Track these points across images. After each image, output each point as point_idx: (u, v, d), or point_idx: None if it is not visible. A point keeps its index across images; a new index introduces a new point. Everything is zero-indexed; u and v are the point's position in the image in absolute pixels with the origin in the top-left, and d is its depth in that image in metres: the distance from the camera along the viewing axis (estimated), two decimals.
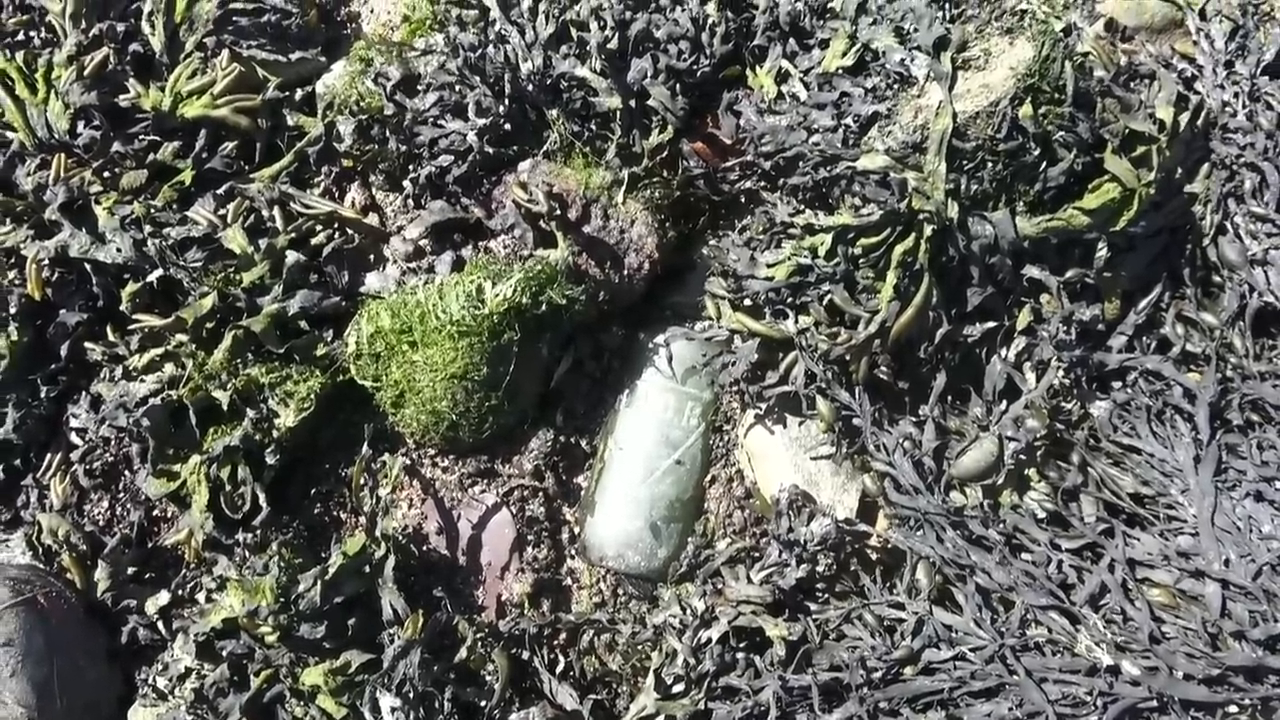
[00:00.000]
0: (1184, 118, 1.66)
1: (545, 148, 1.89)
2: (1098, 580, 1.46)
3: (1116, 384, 1.67)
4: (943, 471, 1.63)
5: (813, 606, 1.65)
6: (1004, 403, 1.63)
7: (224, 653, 1.62)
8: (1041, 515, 1.58)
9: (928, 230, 1.54)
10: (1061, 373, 1.58)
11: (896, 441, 1.65)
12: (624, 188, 1.82)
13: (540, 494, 1.85)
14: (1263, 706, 1.38)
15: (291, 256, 1.85)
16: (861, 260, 1.61)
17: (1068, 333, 1.59)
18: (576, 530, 1.86)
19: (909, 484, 1.60)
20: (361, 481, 1.73)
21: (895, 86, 1.66)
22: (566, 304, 1.73)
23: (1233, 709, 1.38)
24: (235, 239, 1.84)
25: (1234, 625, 1.38)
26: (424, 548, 1.84)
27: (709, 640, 1.63)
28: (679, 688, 1.60)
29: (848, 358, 1.65)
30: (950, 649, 1.50)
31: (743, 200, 1.97)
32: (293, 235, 1.89)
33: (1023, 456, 1.58)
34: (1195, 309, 1.69)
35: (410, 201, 1.97)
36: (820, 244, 1.64)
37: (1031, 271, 1.60)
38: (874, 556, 1.72)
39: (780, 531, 1.66)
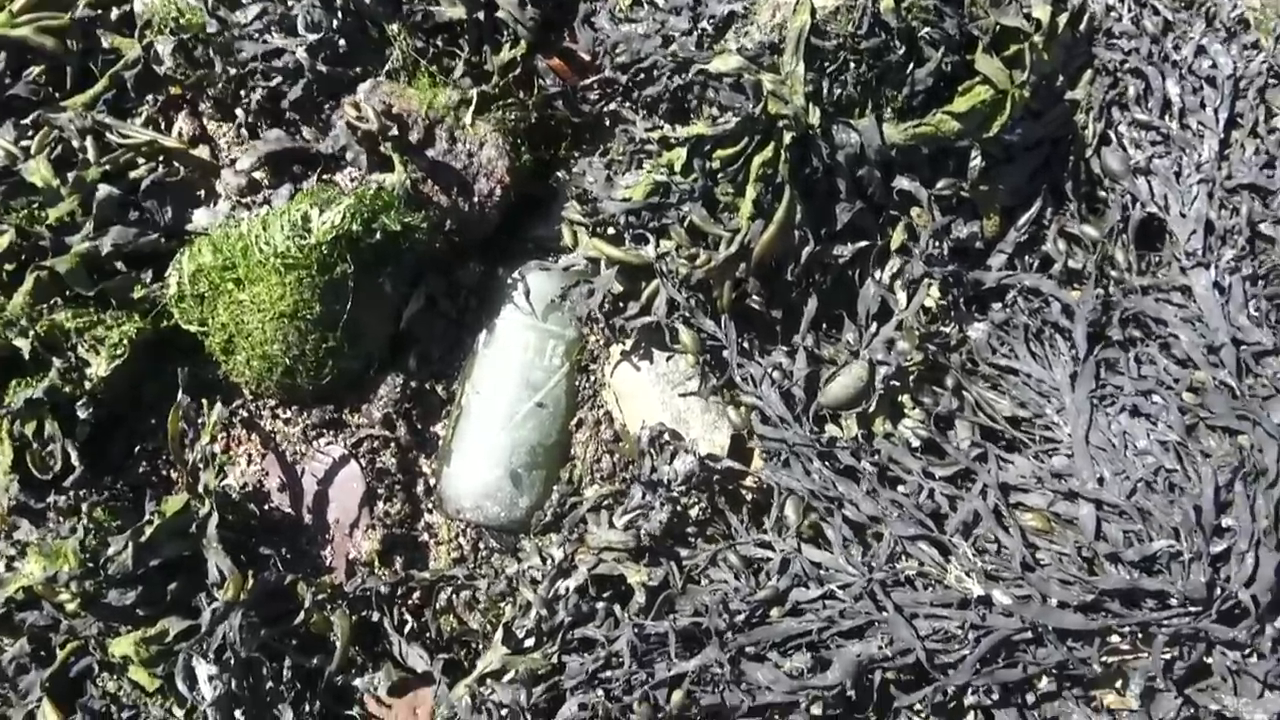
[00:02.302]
0: (1062, 19, 1.56)
1: (388, 67, 1.73)
2: (970, 508, 1.36)
3: (996, 305, 1.58)
4: (813, 401, 1.52)
5: (683, 552, 1.54)
6: (876, 326, 1.52)
7: (24, 625, 1.45)
8: (916, 444, 1.48)
9: (787, 138, 1.42)
10: (936, 292, 1.48)
11: (765, 372, 1.53)
12: (472, 108, 1.67)
13: (392, 444, 1.70)
14: (1142, 634, 1.30)
15: (104, 190, 1.66)
16: (720, 175, 1.49)
17: (938, 248, 1.48)
18: (433, 482, 1.72)
19: (775, 415, 1.49)
20: (181, 432, 1.57)
21: None
22: (404, 232, 1.57)
23: (1114, 639, 1.30)
24: (38, 171, 1.65)
25: (1109, 547, 1.29)
26: (265, 506, 1.69)
27: (566, 591, 1.51)
28: (530, 641, 1.48)
29: (710, 282, 1.53)
30: (818, 587, 1.39)
31: (607, 123, 1.83)
32: (106, 168, 1.70)
33: (895, 382, 1.48)
34: (1078, 224, 1.60)
35: (245, 131, 1.80)
36: (677, 159, 1.50)
37: (901, 183, 1.49)
38: (748, 497, 1.61)
39: (643, 472, 1.54)
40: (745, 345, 1.58)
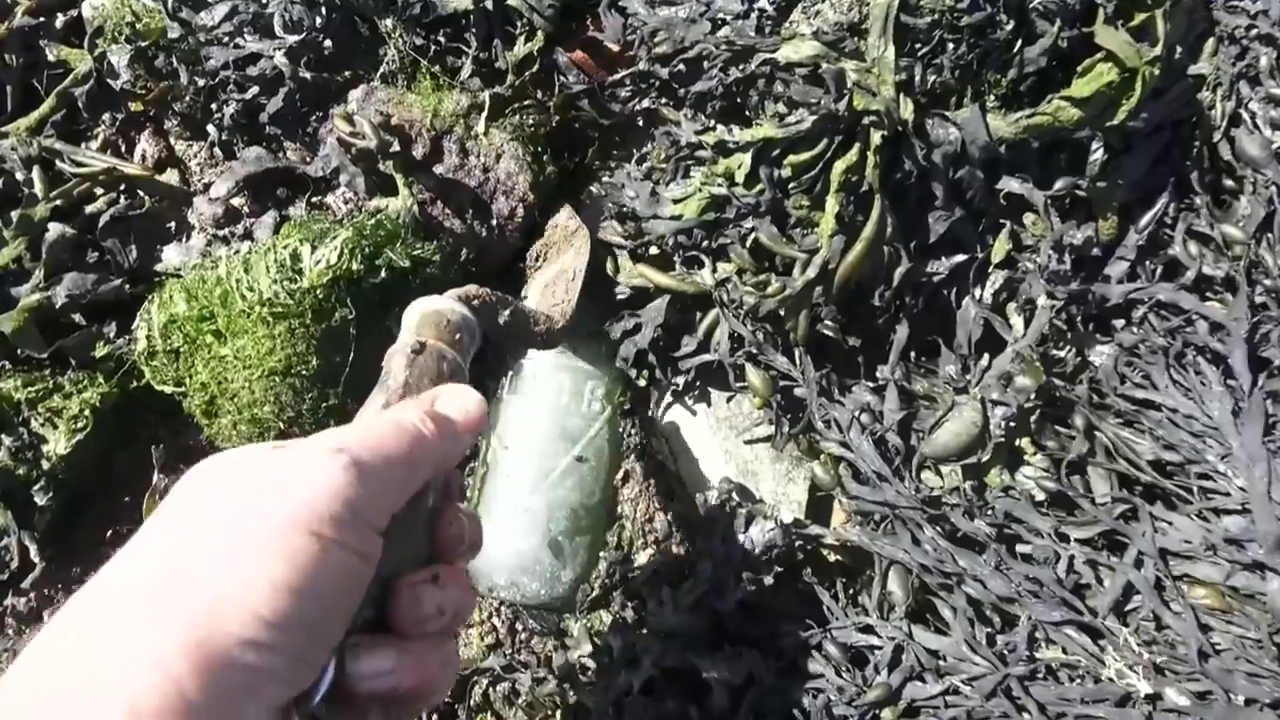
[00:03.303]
0: None
1: (383, 70, 1.47)
2: (1122, 580, 1.11)
3: (1118, 323, 1.33)
4: (912, 449, 1.27)
5: (756, 630, 1.29)
6: (985, 356, 1.27)
7: None
8: (1040, 497, 1.23)
9: (875, 138, 1.17)
10: (1055, 313, 1.23)
11: (851, 415, 1.28)
12: (484, 114, 1.42)
13: None
14: None
15: (55, 230, 1.41)
16: (792, 185, 1.23)
17: (1061, 261, 1.23)
18: None
19: (871, 470, 1.24)
20: None
21: None
22: (413, 267, 1.32)
23: None
24: None
25: None
26: None
27: (631, 690, 1.26)
28: None
29: (782, 312, 1.28)
30: (938, 681, 1.15)
31: (640, 123, 1.57)
32: (58, 203, 1.44)
33: (1012, 424, 1.23)
34: (1208, 222, 1.35)
35: (218, 151, 1.54)
36: (738, 167, 1.25)
37: (1010, 185, 1.23)
38: (831, 558, 1.36)
39: (712, 542, 1.29)
40: (823, 383, 1.33)
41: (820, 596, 1.25)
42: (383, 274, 1.31)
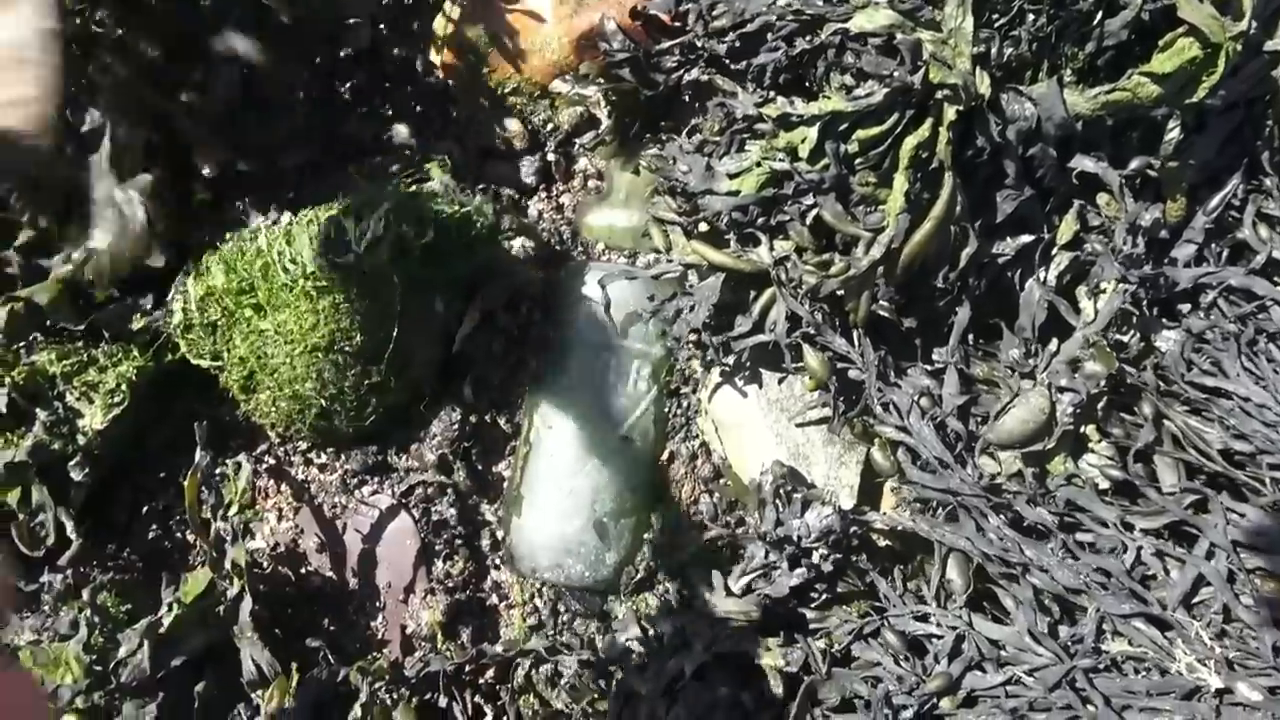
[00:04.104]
0: None
1: None
2: (1193, 573, 1.09)
3: (1184, 306, 1.30)
4: (974, 435, 1.24)
5: (808, 614, 1.27)
6: (1054, 341, 1.23)
7: None
8: (1104, 485, 1.20)
9: (950, 113, 1.12)
10: (1128, 299, 1.19)
11: (911, 399, 1.25)
12: None
13: (449, 491, 1.42)
14: None
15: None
16: (859, 161, 1.19)
17: (1135, 244, 1.19)
18: (500, 534, 1.44)
19: (932, 455, 1.21)
20: (200, 496, 1.29)
21: None
22: (464, 220, 1.28)
23: None
24: None
25: None
26: (302, 570, 1.41)
27: (682, 674, 1.24)
28: None
29: (843, 293, 1.24)
30: (998, 670, 1.13)
31: (686, 97, 1.52)
32: None
33: (1079, 411, 1.19)
34: (1279, 204, 1.31)
35: None
36: (801, 141, 1.20)
37: (1084, 164, 1.19)
38: (881, 543, 1.34)
39: (765, 526, 1.26)
40: (879, 365, 1.29)
41: (878, 584, 1.23)
42: (431, 233, 1.26)
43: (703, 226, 1.35)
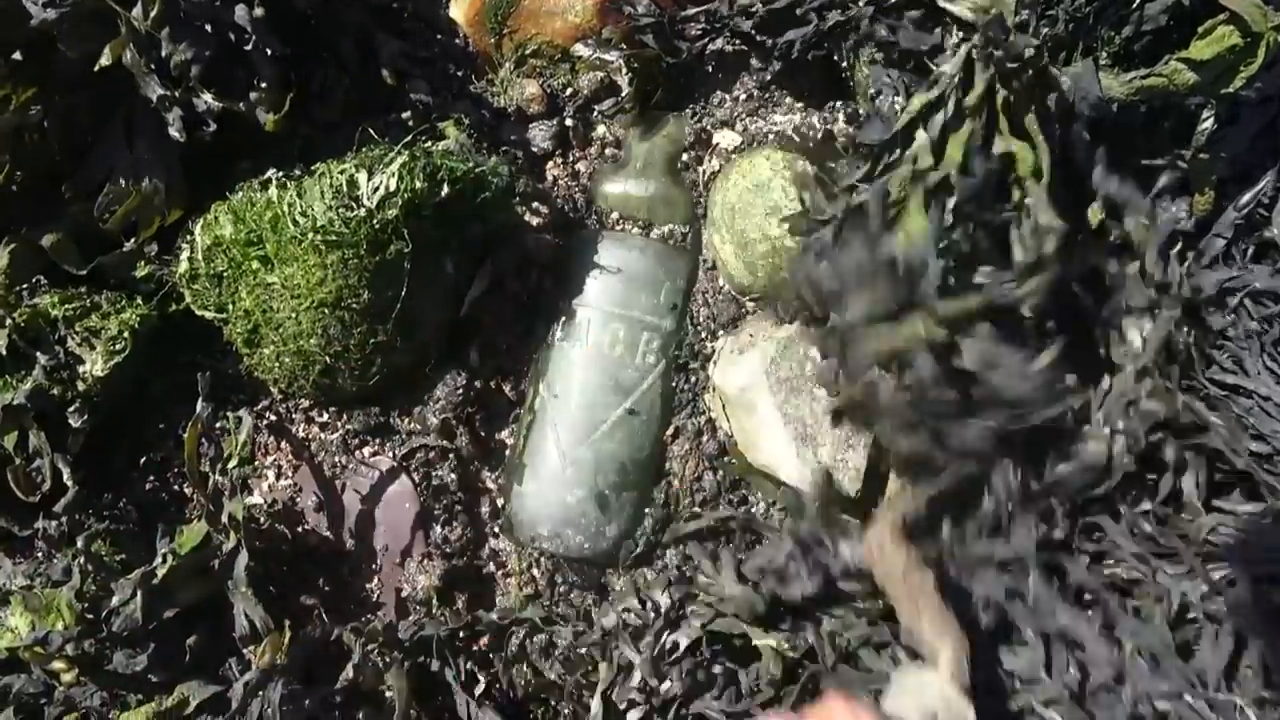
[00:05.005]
0: None
1: None
2: (1228, 642, 1.05)
3: (1210, 307, 1.27)
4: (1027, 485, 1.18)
5: (818, 612, 1.24)
6: (1105, 378, 1.18)
7: (9, 692, 1.17)
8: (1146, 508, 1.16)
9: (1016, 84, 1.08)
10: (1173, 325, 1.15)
11: None
12: None
13: (450, 456, 1.40)
14: None
15: None
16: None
17: (1165, 273, 1.15)
18: (500, 502, 1.43)
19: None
20: (200, 449, 1.27)
21: None
22: (476, 182, 1.26)
23: None
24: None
25: None
26: (299, 528, 1.40)
27: (676, 648, 1.22)
28: (635, 716, 1.20)
29: None
30: (1011, 699, 1.10)
31: (710, 68, 1.50)
32: None
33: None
34: None
35: None
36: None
37: (1109, 187, 1.15)
38: None
39: (801, 534, 1.22)
40: None
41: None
42: (444, 191, 1.24)
43: None
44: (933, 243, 1.03)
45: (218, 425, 1.38)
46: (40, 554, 1.28)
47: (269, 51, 1.27)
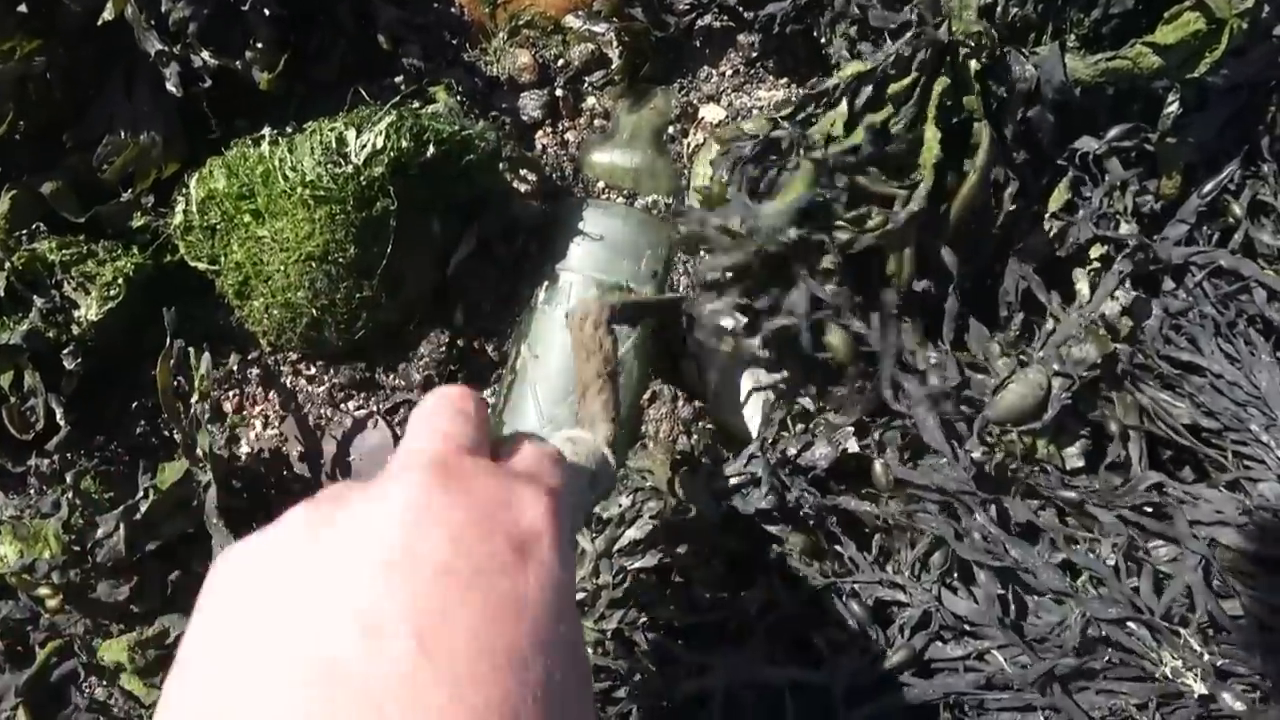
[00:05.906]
0: None
1: None
2: (1181, 585, 1.08)
3: (1169, 285, 1.30)
4: (970, 420, 1.22)
5: (774, 560, 1.28)
6: (1050, 322, 1.22)
7: None
8: (1078, 464, 1.21)
9: (973, 65, 1.12)
10: (1126, 285, 1.19)
11: (923, 394, 1.22)
12: None
13: None
14: None
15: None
16: (892, 121, 1.17)
17: (1109, 204, 1.20)
18: None
19: (936, 445, 1.19)
20: (177, 386, 1.32)
21: None
22: (463, 144, 1.29)
23: None
24: None
25: None
26: (284, 473, 1.44)
27: (629, 544, 1.24)
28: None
29: (886, 249, 1.21)
30: (959, 643, 1.13)
31: (698, 43, 1.53)
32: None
33: (1071, 396, 1.19)
34: (1273, 191, 1.31)
35: None
36: (831, 124, 1.19)
37: (1087, 145, 1.19)
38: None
39: (765, 444, 1.24)
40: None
41: (845, 547, 1.22)
42: (430, 151, 1.28)
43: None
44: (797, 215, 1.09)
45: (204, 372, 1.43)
46: (32, 490, 1.33)
47: (266, 12, 1.32)
